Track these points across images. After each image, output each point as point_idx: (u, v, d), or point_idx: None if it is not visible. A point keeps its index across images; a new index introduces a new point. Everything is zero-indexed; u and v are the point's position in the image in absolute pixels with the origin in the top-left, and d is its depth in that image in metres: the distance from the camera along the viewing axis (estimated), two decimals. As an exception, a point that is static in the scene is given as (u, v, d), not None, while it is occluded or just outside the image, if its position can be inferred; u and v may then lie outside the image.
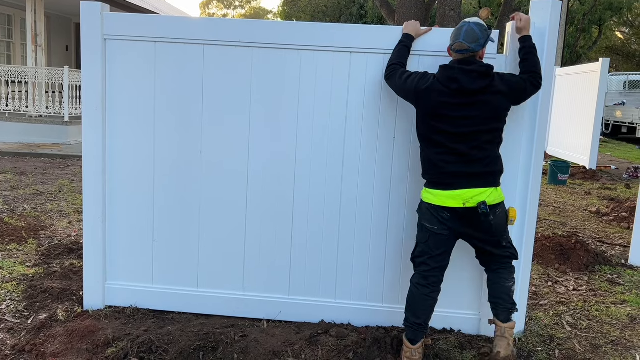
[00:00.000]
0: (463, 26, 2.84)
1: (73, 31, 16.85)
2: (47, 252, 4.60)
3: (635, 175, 10.22)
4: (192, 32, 3.31)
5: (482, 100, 2.80)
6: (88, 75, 3.36)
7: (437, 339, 3.29)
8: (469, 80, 2.78)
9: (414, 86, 2.92)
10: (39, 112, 11.85)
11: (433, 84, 2.86)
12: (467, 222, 2.87)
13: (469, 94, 2.80)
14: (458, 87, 2.79)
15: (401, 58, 3.12)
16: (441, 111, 2.83)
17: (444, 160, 2.86)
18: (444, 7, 8.21)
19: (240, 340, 3.12)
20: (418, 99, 2.92)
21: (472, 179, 2.82)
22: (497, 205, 2.87)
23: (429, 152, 2.93)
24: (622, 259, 5.09)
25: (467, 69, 2.80)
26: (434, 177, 2.92)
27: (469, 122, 2.80)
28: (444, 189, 2.85)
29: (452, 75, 2.81)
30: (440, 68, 2.90)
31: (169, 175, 3.45)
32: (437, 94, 2.84)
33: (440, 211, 2.87)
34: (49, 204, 6.41)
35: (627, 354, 3.29)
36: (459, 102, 2.80)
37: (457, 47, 2.83)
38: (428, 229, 2.93)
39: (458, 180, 2.83)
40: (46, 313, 3.43)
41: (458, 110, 2.81)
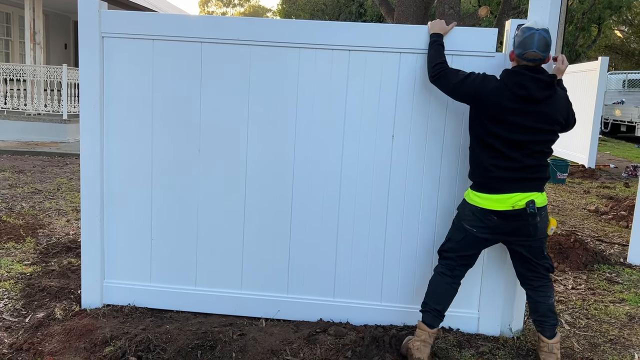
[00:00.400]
0: (534, 34, 2.78)
1: (71, 29, 16.82)
2: (45, 251, 4.59)
3: (634, 173, 10.23)
4: (190, 30, 3.30)
5: (543, 110, 2.81)
6: (86, 73, 3.35)
7: (436, 338, 3.28)
8: (536, 89, 2.78)
9: (476, 87, 2.88)
10: (37, 110, 11.83)
11: (499, 87, 2.84)
12: (514, 225, 2.88)
13: (533, 102, 2.80)
14: (526, 95, 2.78)
15: (443, 57, 3.07)
16: (502, 116, 2.82)
17: (495, 165, 2.86)
18: (443, 6, 8.20)
19: (238, 338, 3.12)
20: (479, 101, 2.88)
21: (520, 184, 2.85)
22: (543, 207, 2.90)
23: (481, 155, 2.92)
24: (620, 258, 5.09)
25: (536, 77, 2.78)
26: (482, 180, 2.92)
27: (526, 130, 2.81)
28: (492, 193, 2.87)
29: (521, 82, 2.79)
30: (507, 72, 2.87)
31: (167, 174, 3.44)
32: (501, 98, 2.81)
33: (487, 214, 2.88)
34: (47, 202, 6.39)
35: (625, 352, 3.29)
36: (521, 108, 2.80)
37: (531, 56, 2.79)
38: (467, 229, 2.95)
39: (507, 185, 2.85)
40: (44, 312, 3.43)
41: (519, 116, 2.80)
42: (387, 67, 3.27)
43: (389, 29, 3.29)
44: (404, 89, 3.28)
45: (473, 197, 2.94)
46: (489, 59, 3.21)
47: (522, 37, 2.82)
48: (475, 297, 3.42)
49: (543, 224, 2.91)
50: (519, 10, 12.16)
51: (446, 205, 3.36)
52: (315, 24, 3.29)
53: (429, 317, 3.01)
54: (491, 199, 2.86)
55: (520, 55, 2.82)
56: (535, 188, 2.87)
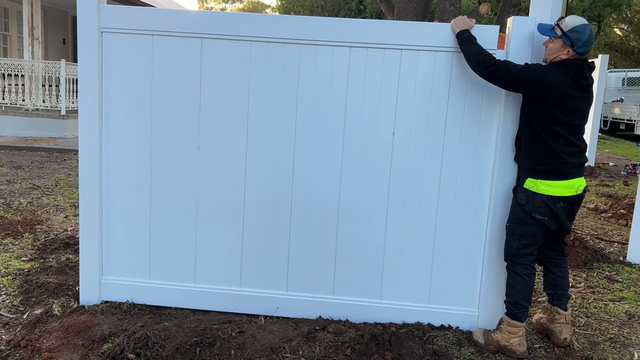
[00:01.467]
0: (592, 31, 2.96)
1: (70, 24, 16.75)
2: (43, 247, 4.57)
3: (633, 172, 10.23)
4: (189, 26, 3.28)
5: (590, 96, 3.04)
6: (84, 68, 3.32)
7: (436, 336, 3.27)
8: (590, 76, 3.01)
9: (541, 77, 2.96)
10: (35, 105, 11.79)
11: (561, 77, 2.95)
12: (571, 209, 3.09)
13: (586, 89, 3.01)
14: (585, 83, 2.98)
15: (484, 49, 3.06)
16: (565, 103, 2.96)
17: (564, 151, 2.99)
18: (444, 2, 8.17)
19: (237, 336, 3.11)
20: (544, 90, 2.96)
21: (580, 168, 3.07)
22: None
23: (550, 142, 3.01)
24: (620, 256, 5.09)
25: (590, 65, 3.02)
26: (551, 168, 3.02)
27: (580, 115, 3.02)
28: (561, 179, 3.00)
29: (581, 71, 2.97)
30: (566, 63, 2.98)
31: (166, 170, 3.42)
32: (565, 87, 2.95)
33: (557, 201, 3.02)
34: (45, 198, 6.37)
35: (625, 351, 3.28)
36: (579, 95, 2.98)
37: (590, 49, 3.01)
38: (539, 220, 3.06)
39: (573, 170, 3.03)
40: (42, 308, 3.41)
41: (577, 103, 2.99)
42: (388, 64, 3.25)
43: (391, 25, 3.27)
44: (405, 87, 3.27)
45: (543, 187, 3.02)
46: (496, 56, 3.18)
47: (585, 36, 2.96)
48: (475, 296, 3.41)
49: None
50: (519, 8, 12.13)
51: (447, 203, 3.35)
52: (316, 20, 3.27)
53: (522, 314, 3.14)
54: (563, 186, 3.00)
55: (586, 52, 3.02)
56: (583, 171, 3.11)
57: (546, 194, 3.01)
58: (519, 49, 3.13)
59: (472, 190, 3.33)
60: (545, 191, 3.01)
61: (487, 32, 3.20)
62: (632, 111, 17.27)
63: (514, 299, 3.14)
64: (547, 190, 3.01)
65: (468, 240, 3.37)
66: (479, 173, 3.32)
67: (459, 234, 3.37)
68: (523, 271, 3.12)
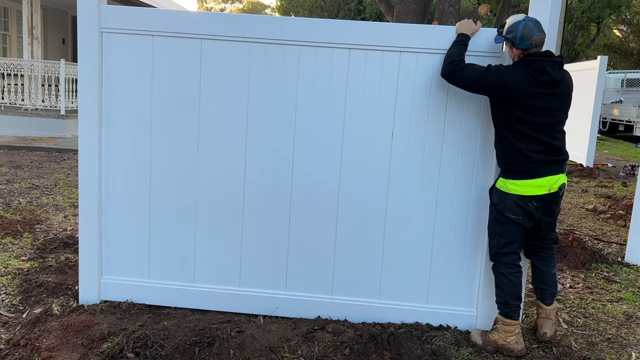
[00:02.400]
0: (526, 23, 2.93)
1: (69, 24, 16.75)
2: (42, 246, 4.58)
3: (632, 173, 10.24)
4: (189, 27, 3.29)
5: (560, 92, 2.98)
6: (84, 68, 3.33)
7: (434, 336, 3.28)
8: (555, 71, 2.94)
9: (502, 78, 2.95)
10: (35, 105, 11.79)
11: (522, 76, 2.93)
12: (547, 207, 3.04)
13: (554, 85, 2.95)
14: (548, 79, 2.93)
15: (462, 56, 3.10)
16: (529, 102, 2.94)
17: (530, 150, 2.97)
18: (443, 3, 8.18)
19: (236, 335, 3.11)
20: (506, 90, 2.96)
21: (554, 166, 3.01)
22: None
23: (515, 142, 3.00)
24: (618, 257, 5.10)
25: (552, 60, 2.95)
26: (519, 167, 3.01)
27: (551, 113, 2.97)
28: (530, 178, 2.98)
29: (542, 67, 2.92)
30: (525, 62, 2.97)
31: (166, 170, 3.43)
32: (527, 86, 2.93)
33: (528, 201, 3.01)
34: (45, 197, 6.38)
35: (622, 351, 3.29)
36: (545, 92, 2.94)
37: (538, 40, 2.94)
38: (513, 219, 3.06)
39: (543, 169, 2.99)
40: (41, 307, 3.42)
41: (543, 100, 2.94)
42: (387, 65, 3.26)
43: (389, 27, 3.28)
44: (404, 87, 3.28)
45: (512, 187, 3.02)
46: (495, 59, 3.20)
47: (519, 33, 2.93)
48: (473, 296, 3.42)
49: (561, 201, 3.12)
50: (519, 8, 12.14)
51: (444, 201, 3.35)
52: (315, 22, 3.28)
53: (516, 313, 3.13)
54: (532, 185, 2.98)
55: (528, 46, 2.94)
56: (562, 169, 3.05)
57: (516, 194, 3.01)
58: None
59: (471, 191, 3.34)
60: (514, 191, 3.01)
61: (494, 35, 3.20)
62: (631, 112, 17.28)
63: (502, 299, 3.14)
64: (516, 190, 3.00)
65: (467, 240, 3.38)
66: (478, 174, 3.33)
67: (457, 235, 3.38)
68: (507, 270, 3.12)
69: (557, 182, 2.99)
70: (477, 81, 3.03)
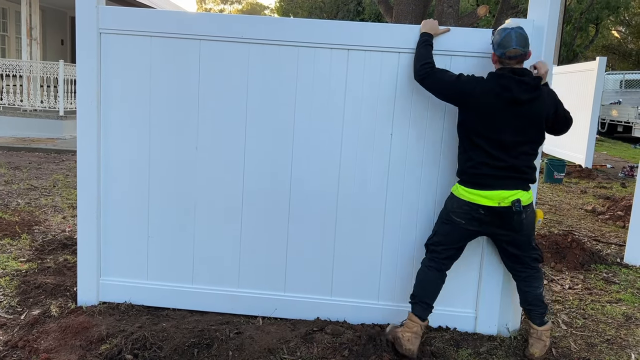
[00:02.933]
0: (510, 32, 2.86)
1: (68, 25, 16.75)
2: (40, 248, 4.57)
3: (630, 174, 10.25)
4: (188, 27, 3.29)
5: (528, 112, 2.88)
6: (83, 69, 3.32)
7: (433, 337, 3.28)
8: (521, 91, 2.85)
9: (465, 88, 2.93)
10: (33, 106, 11.78)
11: (485, 89, 2.89)
12: (500, 221, 2.96)
13: (519, 104, 2.86)
14: (511, 97, 2.85)
15: (431, 57, 3.09)
16: (488, 117, 2.89)
17: (483, 163, 2.94)
18: (442, 4, 8.19)
19: (235, 337, 3.11)
20: (468, 102, 2.94)
21: (506, 182, 2.92)
22: (528, 205, 2.97)
23: (470, 152, 2.99)
24: (617, 258, 5.10)
25: (520, 79, 2.86)
26: (471, 178, 2.98)
27: (512, 132, 2.89)
28: (480, 189, 2.94)
29: (506, 84, 2.86)
30: (492, 75, 2.94)
31: (165, 171, 3.42)
32: (489, 100, 2.88)
33: (475, 208, 2.96)
34: (43, 198, 6.37)
35: (622, 352, 3.29)
36: (507, 110, 2.87)
37: (512, 53, 2.86)
38: (455, 222, 3.02)
39: (496, 182, 2.92)
40: (39, 309, 3.41)
41: (505, 118, 2.88)
42: (386, 66, 3.26)
43: (388, 29, 3.28)
44: (403, 88, 3.28)
45: (462, 192, 3.00)
46: (489, 60, 3.19)
47: (500, 38, 2.89)
48: (472, 297, 3.42)
49: (529, 219, 3.00)
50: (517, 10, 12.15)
51: (442, 205, 3.34)
52: (314, 23, 3.28)
53: (418, 308, 3.07)
54: (480, 195, 2.93)
55: (502, 55, 2.90)
56: (520, 187, 2.94)
57: (464, 199, 2.98)
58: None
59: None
60: (463, 196, 2.99)
61: (487, 36, 3.19)
62: (630, 113, 17.31)
63: (414, 289, 3.13)
64: (465, 196, 2.98)
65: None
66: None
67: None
68: (427, 262, 3.12)
69: (509, 198, 2.88)
70: (446, 89, 3.01)
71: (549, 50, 3.21)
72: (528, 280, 3.12)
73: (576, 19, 28.34)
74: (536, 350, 3.08)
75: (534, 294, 3.12)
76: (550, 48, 3.20)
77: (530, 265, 3.11)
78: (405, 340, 2.98)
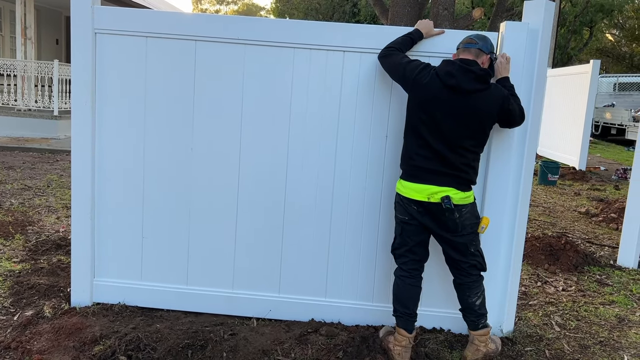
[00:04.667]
0: (488, 37, 2.99)
1: (63, 24, 16.68)
2: (34, 248, 4.54)
3: (624, 176, 10.30)
4: (184, 28, 3.28)
5: (471, 104, 2.82)
6: (78, 69, 3.31)
7: (427, 339, 3.29)
8: (465, 80, 2.80)
9: (414, 75, 2.92)
10: (27, 105, 11.72)
11: (433, 76, 2.88)
12: (433, 217, 2.92)
13: (462, 93, 2.81)
14: (455, 83, 2.80)
15: (401, 45, 3.10)
16: (432, 106, 2.85)
17: (418, 154, 2.91)
18: (438, 6, 8.21)
19: (229, 338, 3.10)
20: (414, 87, 2.92)
21: (441, 177, 2.86)
22: (463, 205, 2.89)
23: (411, 142, 2.97)
24: (610, 260, 5.13)
25: (466, 67, 2.82)
26: (408, 169, 2.97)
27: (454, 124, 2.83)
28: (413, 182, 2.92)
29: (451, 70, 2.82)
30: (442, 62, 2.94)
31: (159, 172, 3.42)
32: (433, 86, 2.85)
33: (408, 203, 2.95)
34: (37, 198, 6.34)
35: (615, 354, 3.31)
36: (451, 100, 2.82)
37: (466, 40, 2.92)
38: (400, 219, 3.02)
39: (428, 176, 2.88)
40: (33, 309, 3.39)
41: (447, 107, 2.83)
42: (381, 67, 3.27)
43: (385, 30, 3.29)
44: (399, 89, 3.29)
45: (399, 186, 3.01)
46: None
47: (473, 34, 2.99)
48: (466, 298, 3.42)
49: (466, 220, 2.91)
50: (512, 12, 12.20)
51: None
52: (310, 24, 3.28)
53: (402, 321, 3.02)
54: (412, 188, 2.91)
55: (459, 43, 2.97)
56: (452, 184, 2.86)
57: (400, 194, 2.98)
58: (511, 54, 3.15)
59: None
60: (399, 190, 2.99)
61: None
62: (623, 116, 17.40)
63: (393, 302, 3.08)
64: (400, 190, 2.98)
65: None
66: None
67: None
68: (398, 273, 3.07)
69: (438, 193, 2.83)
70: (396, 68, 3.01)
71: (544, 52, 3.22)
72: (462, 288, 3.04)
73: (570, 22, 28.48)
74: (468, 354, 3.06)
75: (467, 302, 3.04)
76: (544, 50, 3.22)
77: (467, 272, 3.00)
78: (396, 354, 2.99)
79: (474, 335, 3.07)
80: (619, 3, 28.79)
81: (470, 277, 3.01)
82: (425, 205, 2.89)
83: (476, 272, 3.02)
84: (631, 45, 34.39)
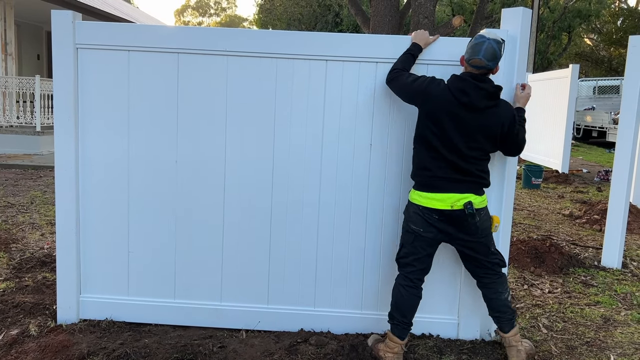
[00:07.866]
0: (483, 42, 2.86)
1: (44, 40, 16.55)
2: (18, 266, 4.48)
3: (606, 178, 10.46)
4: (166, 41, 3.29)
5: (481, 120, 2.90)
6: (60, 85, 3.30)
7: (417, 345, 3.30)
8: (478, 97, 2.87)
9: (424, 88, 2.96)
10: (9, 122, 11.59)
11: (444, 90, 2.92)
12: (454, 224, 2.97)
13: (474, 110, 2.89)
14: (467, 101, 2.87)
15: (405, 64, 3.14)
16: (443, 119, 2.91)
17: (435, 165, 2.95)
18: (418, 15, 8.31)
19: (218, 351, 3.09)
20: (425, 102, 2.97)
21: (461, 184, 2.94)
22: (482, 208, 2.99)
23: (423, 154, 3.00)
24: (594, 261, 5.19)
25: (479, 85, 2.87)
26: (423, 180, 3.00)
27: (465, 136, 2.91)
28: (433, 192, 2.95)
29: (464, 88, 2.88)
30: (453, 77, 2.96)
31: (144, 186, 3.40)
32: (444, 102, 2.90)
33: (428, 213, 2.97)
34: (21, 215, 6.26)
35: (601, 354, 3.35)
36: (462, 114, 2.89)
37: (475, 62, 2.87)
38: (414, 230, 3.02)
39: (448, 185, 2.94)
40: (18, 328, 3.34)
41: (457, 121, 2.90)
42: (364, 76, 3.30)
43: (365, 39, 3.33)
44: (380, 97, 3.32)
45: (415, 197, 3.03)
46: (455, 68, 3.24)
47: (473, 43, 2.92)
48: (454, 304, 3.45)
49: (484, 223, 3.02)
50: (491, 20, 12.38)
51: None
52: (293, 35, 3.31)
53: (397, 329, 3.05)
54: (433, 198, 2.95)
55: (468, 60, 2.92)
56: (471, 190, 2.96)
57: (418, 204, 3.00)
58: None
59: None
60: (416, 201, 3.01)
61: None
62: (604, 119, 17.69)
63: (391, 309, 3.11)
64: (418, 201, 3.00)
65: (446, 249, 3.41)
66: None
67: (437, 243, 3.41)
68: (401, 281, 3.08)
69: (460, 200, 2.90)
70: (405, 89, 3.06)
71: (523, 58, 3.28)
72: (493, 286, 3.12)
73: (549, 27, 28.95)
74: (514, 358, 3.07)
75: (499, 299, 3.12)
76: (523, 56, 3.28)
77: (492, 270, 3.10)
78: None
79: (510, 338, 3.11)
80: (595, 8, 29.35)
81: (497, 274, 3.12)
82: (447, 214, 2.94)
83: (499, 268, 3.12)
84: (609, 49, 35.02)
